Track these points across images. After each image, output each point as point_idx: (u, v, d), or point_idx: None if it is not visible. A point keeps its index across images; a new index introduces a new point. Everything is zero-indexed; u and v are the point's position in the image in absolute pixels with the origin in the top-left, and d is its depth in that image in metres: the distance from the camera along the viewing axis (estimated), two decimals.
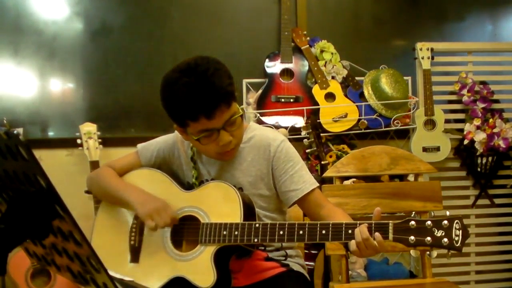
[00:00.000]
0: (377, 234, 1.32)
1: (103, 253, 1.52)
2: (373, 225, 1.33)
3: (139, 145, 1.72)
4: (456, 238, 1.28)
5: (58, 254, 0.95)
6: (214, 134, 1.47)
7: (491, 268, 3.19)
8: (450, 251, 1.29)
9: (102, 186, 1.66)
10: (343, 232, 1.37)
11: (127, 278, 1.30)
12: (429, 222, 1.29)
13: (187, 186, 1.66)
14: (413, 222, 1.30)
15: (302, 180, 1.58)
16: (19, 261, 2.56)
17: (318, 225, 1.40)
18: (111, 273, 0.94)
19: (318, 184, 1.61)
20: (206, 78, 1.41)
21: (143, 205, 1.53)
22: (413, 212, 1.36)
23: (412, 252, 2.75)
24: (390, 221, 1.32)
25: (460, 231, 1.28)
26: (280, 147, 1.59)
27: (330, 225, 1.39)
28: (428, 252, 1.33)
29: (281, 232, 1.43)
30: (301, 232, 1.41)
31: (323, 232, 1.39)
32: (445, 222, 1.28)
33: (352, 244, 1.36)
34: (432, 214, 1.33)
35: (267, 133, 1.65)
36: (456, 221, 1.28)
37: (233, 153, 1.58)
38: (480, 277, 3.19)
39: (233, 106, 1.48)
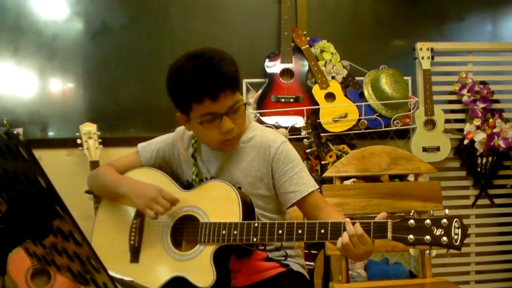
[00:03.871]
0: (356, 224, 1.33)
1: (103, 253, 1.53)
2: (372, 224, 1.33)
3: (139, 145, 1.73)
4: (455, 237, 1.27)
5: (58, 254, 0.95)
6: (217, 120, 1.49)
7: (491, 268, 3.19)
8: (449, 250, 1.29)
9: (101, 183, 1.67)
10: (342, 230, 1.36)
11: (127, 278, 1.30)
12: (428, 221, 1.29)
13: (187, 185, 1.66)
14: (412, 221, 1.29)
15: (301, 182, 1.58)
16: (19, 261, 2.56)
17: (317, 224, 1.40)
18: (111, 273, 0.94)
19: (317, 187, 1.61)
20: (214, 63, 1.46)
21: (139, 197, 1.54)
22: (413, 211, 1.36)
23: (411, 251, 2.74)
24: (389, 220, 1.32)
25: (460, 229, 1.27)
26: (280, 149, 1.59)
27: (329, 224, 1.39)
28: (427, 251, 1.32)
29: (280, 232, 1.43)
30: (299, 231, 1.41)
31: (322, 231, 1.39)
32: (444, 220, 1.28)
33: (338, 241, 1.36)
34: (431, 213, 1.33)
35: (268, 134, 1.65)
36: (455, 219, 1.28)
37: (234, 143, 1.58)
38: (480, 277, 3.18)
39: (237, 94, 1.51)
